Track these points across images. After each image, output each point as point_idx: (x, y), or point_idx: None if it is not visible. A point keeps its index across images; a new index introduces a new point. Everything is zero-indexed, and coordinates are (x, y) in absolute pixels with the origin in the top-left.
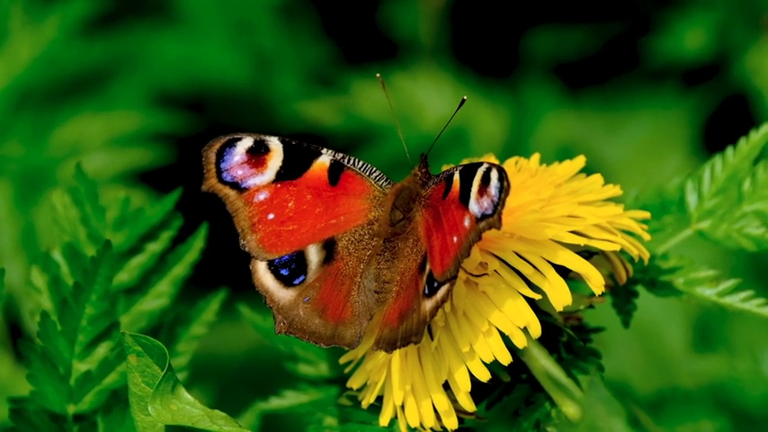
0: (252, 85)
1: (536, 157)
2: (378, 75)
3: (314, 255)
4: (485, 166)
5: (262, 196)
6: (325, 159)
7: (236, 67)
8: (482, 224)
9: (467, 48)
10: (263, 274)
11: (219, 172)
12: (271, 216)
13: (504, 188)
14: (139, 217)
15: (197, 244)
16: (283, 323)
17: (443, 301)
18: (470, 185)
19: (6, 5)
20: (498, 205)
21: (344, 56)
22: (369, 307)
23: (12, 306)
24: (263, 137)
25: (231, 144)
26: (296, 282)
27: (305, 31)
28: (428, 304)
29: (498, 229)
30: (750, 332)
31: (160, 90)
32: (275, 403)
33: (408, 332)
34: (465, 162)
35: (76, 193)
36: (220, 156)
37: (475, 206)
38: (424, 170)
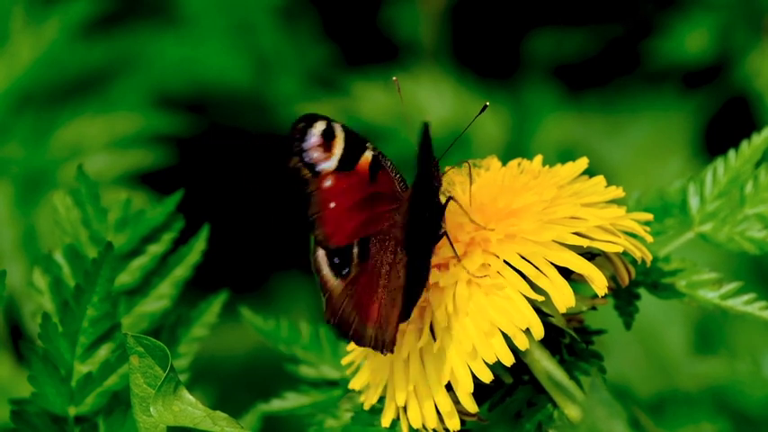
0: (252, 86)
1: (539, 158)
2: (394, 78)
3: (356, 249)
4: None
5: (328, 183)
6: (368, 154)
7: (236, 69)
8: None
9: (468, 50)
10: (321, 256)
11: (301, 151)
12: (332, 205)
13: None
14: (141, 218)
15: (198, 245)
16: (332, 312)
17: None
18: None
19: (7, 6)
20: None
21: (345, 57)
22: (390, 311)
23: (13, 307)
24: (331, 120)
25: (310, 124)
26: (343, 272)
27: (305, 32)
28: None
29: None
30: (751, 335)
31: (161, 92)
32: (276, 405)
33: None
34: (465, 164)
35: (78, 194)
36: (303, 134)
37: None
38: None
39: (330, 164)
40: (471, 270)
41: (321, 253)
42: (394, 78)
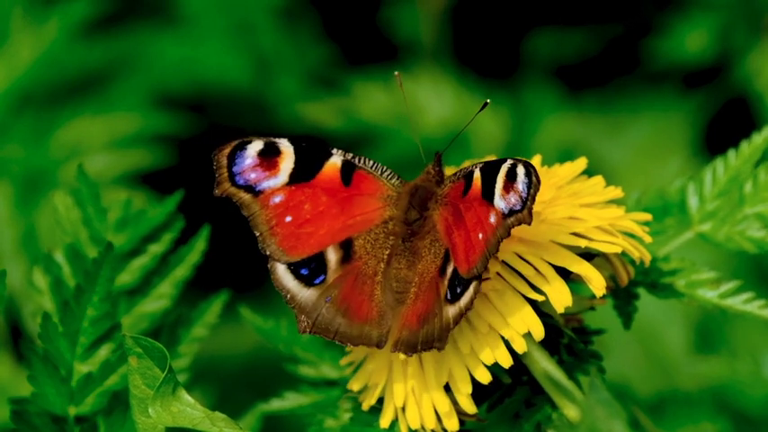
0: (252, 86)
1: (538, 158)
2: (396, 73)
3: (333, 255)
4: (509, 162)
5: (277, 199)
6: (336, 160)
7: (236, 69)
8: (511, 220)
9: (468, 49)
10: (282, 273)
11: (232, 176)
12: (288, 218)
13: (534, 183)
14: (141, 218)
15: (198, 245)
16: (306, 323)
17: (468, 308)
18: (494, 182)
19: (7, 7)
20: (527, 200)
21: (345, 57)
22: (392, 306)
23: (13, 307)
24: (272, 139)
25: (242, 147)
26: (316, 281)
27: (306, 32)
28: (451, 311)
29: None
30: (751, 334)
31: (161, 91)
32: (276, 405)
33: (430, 337)
34: (467, 163)
35: (78, 194)
36: (232, 159)
37: (501, 202)
38: (437, 169)
39: (277, 180)
40: None
41: (282, 268)
42: (396, 73)
